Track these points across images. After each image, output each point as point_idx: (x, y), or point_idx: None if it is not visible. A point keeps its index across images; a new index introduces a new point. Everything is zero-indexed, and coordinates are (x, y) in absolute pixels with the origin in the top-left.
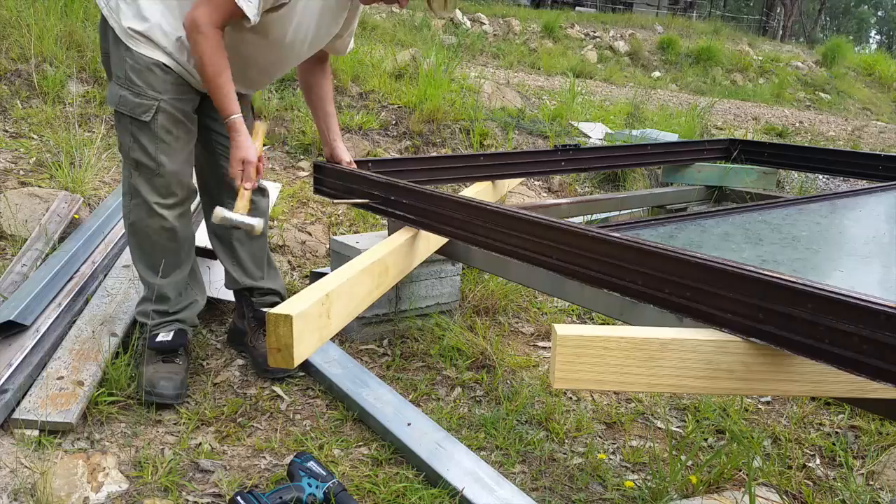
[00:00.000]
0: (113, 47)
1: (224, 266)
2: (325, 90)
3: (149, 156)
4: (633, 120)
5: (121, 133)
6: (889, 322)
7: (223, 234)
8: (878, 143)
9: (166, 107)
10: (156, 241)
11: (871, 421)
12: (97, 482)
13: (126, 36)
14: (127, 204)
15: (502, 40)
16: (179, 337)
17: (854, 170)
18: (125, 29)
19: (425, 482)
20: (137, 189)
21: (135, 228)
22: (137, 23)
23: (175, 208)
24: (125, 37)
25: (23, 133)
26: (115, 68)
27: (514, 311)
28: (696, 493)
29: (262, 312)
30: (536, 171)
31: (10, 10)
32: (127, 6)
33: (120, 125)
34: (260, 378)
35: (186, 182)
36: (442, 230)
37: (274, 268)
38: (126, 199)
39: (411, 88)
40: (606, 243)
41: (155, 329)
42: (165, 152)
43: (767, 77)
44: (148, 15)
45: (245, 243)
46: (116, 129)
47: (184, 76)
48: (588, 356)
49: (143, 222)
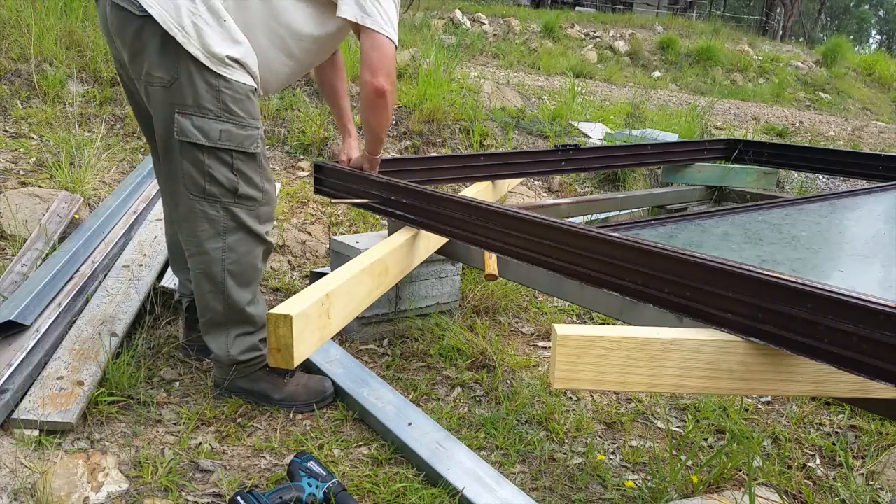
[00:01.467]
0: (192, 75)
1: (184, 273)
2: (339, 85)
3: (256, 187)
4: (633, 120)
5: (216, 170)
6: (888, 322)
7: None
8: (878, 143)
9: (262, 134)
10: (259, 268)
11: (871, 421)
12: (97, 482)
13: (220, 64)
14: (222, 245)
15: (502, 40)
16: None
17: (854, 170)
18: (219, 56)
19: (425, 482)
20: (242, 223)
21: (241, 265)
22: (232, 48)
23: (273, 230)
24: (216, 64)
25: (23, 133)
26: (197, 99)
27: (514, 311)
28: (696, 493)
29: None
30: (536, 171)
31: (10, 9)
32: (213, 29)
33: (215, 161)
34: None
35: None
36: (442, 230)
37: None
38: (217, 241)
39: (411, 88)
40: (606, 243)
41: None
42: (268, 179)
43: (767, 77)
44: (239, 37)
45: None
46: (194, 170)
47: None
48: (588, 356)
49: (252, 254)
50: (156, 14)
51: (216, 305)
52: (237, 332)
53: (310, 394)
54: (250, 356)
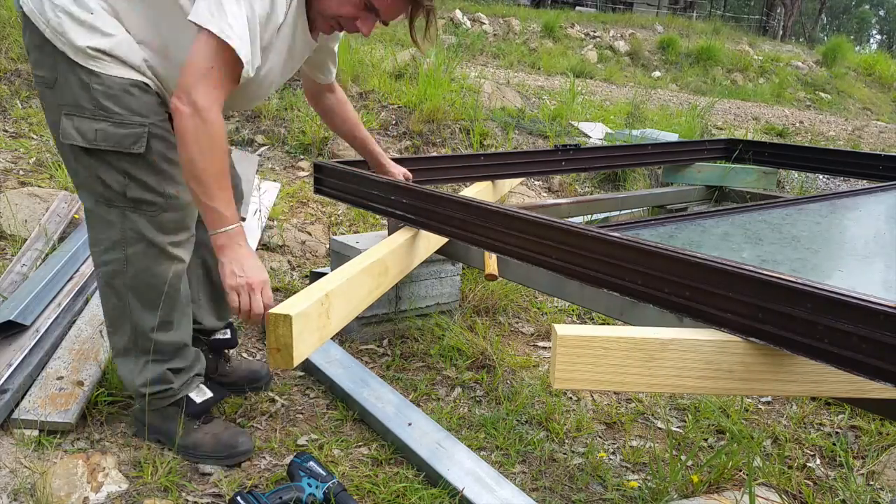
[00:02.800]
0: (65, 74)
1: (198, 307)
2: (348, 116)
3: (152, 191)
4: (633, 120)
5: (104, 173)
6: (888, 322)
7: (213, 263)
8: (878, 143)
9: (157, 131)
10: (169, 291)
11: (871, 421)
12: (97, 482)
13: (85, 58)
14: (119, 257)
15: (502, 40)
16: (213, 390)
17: (854, 170)
18: (82, 49)
19: (425, 482)
20: (140, 234)
21: (138, 282)
22: (97, 39)
23: (187, 244)
24: (84, 59)
25: (23, 133)
26: (75, 98)
27: (514, 311)
28: (696, 493)
29: (216, 341)
30: (536, 171)
31: (9, 9)
32: (75, 21)
33: (100, 165)
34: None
35: (194, 210)
36: (442, 230)
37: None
38: (115, 253)
39: (411, 88)
40: (606, 243)
41: (182, 391)
42: (171, 182)
43: (767, 77)
44: (109, 29)
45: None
46: (86, 173)
47: (163, 94)
48: (588, 356)
49: (151, 272)
50: (27, 9)
51: (123, 324)
52: (145, 358)
53: (218, 446)
54: (157, 388)
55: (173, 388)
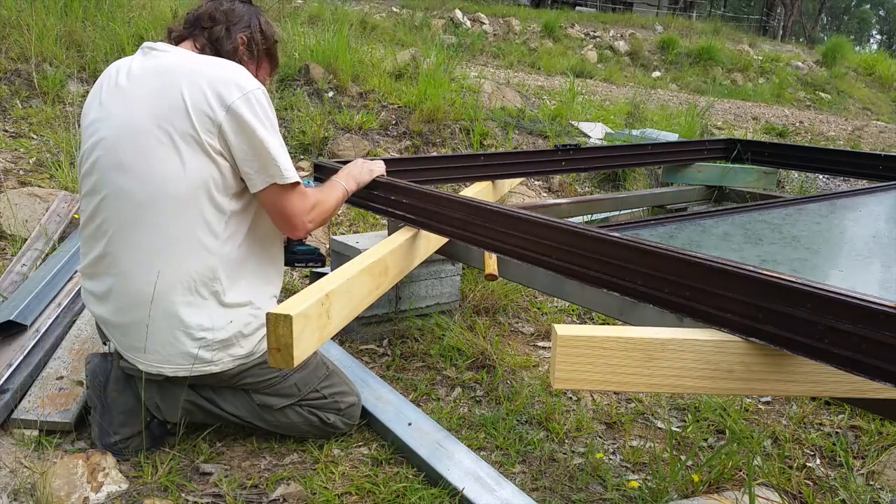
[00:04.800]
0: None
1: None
2: None
3: None
4: (633, 120)
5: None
6: (888, 322)
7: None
8: (878, 143)
9: None
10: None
11: (871, 421)
12: (97, 482)
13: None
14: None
15: (502, 40)
16: None
17: (854, 170)
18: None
19: (425, 482)
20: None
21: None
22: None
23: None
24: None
25: (23, 133)
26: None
27: (514, 311)
28: (696, 493)
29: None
30: (536, 171)
31: (10, 9)
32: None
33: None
34: None
35: None
36: (442, 230)
37: None
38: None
39: (411, 88)
40: (606, 243)
41: None
42: None
43: (767, 77)
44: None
45: None
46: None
47: None
48: (588, 356)
49: None
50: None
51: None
52: None
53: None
54: None
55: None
